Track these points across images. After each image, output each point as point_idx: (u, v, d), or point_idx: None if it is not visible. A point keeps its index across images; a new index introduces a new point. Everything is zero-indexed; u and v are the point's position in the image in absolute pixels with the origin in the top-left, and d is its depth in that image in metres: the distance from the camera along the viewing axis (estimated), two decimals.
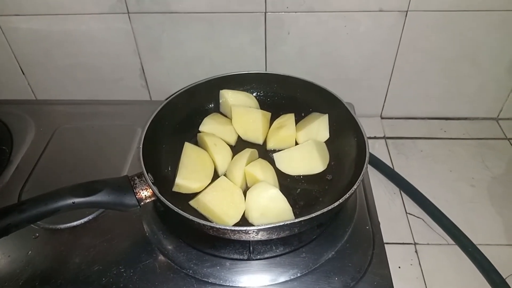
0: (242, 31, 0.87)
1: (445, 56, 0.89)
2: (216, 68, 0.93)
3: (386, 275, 0.61)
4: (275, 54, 0.91)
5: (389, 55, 0.90)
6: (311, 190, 0.72)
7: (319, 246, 0.65)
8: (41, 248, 0.66)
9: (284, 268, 0.62)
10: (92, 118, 0.92)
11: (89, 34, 0.89)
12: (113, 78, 0.97)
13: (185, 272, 0.62)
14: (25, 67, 0.96)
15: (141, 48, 0.91)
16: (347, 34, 0.86)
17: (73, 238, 0.67)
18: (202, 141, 0.76)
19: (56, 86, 0.99)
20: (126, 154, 0.82)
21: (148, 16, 0.86)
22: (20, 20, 0.87)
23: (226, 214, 0.63)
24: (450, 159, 0.90)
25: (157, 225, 0.69)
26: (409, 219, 0.78)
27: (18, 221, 0.55)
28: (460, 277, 0.69)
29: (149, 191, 0.61)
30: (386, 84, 0.95)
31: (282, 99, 0.85)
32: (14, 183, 0.77)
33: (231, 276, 0.62)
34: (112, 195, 0.59)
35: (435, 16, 0.83)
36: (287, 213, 0.63)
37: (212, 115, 0.81)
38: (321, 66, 0.92)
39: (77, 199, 0.57)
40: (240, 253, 0.64)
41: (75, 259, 0.64)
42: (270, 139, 0.79)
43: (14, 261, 0.64)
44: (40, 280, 0.62)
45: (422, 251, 0.73)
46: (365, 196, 0.73)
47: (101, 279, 0.62)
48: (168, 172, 0.73)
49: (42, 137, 0.86)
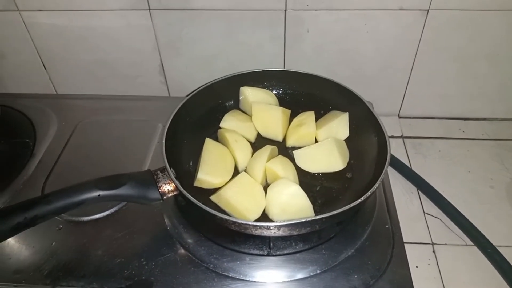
0: (262, 29, 0.87)
1: (465, 56, 0.88)
2: (234, 65, 0.93)
3: (406, 274, 0.61)
4: (294, 52, 0.91)
5: (408, 53, 0.89)
6: (331, 187, 0.72)
7: (339, 243, 0.65)
8: (64, 240, 0.67)
9: (303, 265, 0.63)
10: (113, 113, 0.93)
11: (110, 30, 0.90)
12: (132, 74, 0.98)
13: (206, 266, 0.63)
14: (47, 61, 0.97)
15: (161, 44, 0.92)
16: (366, 32, 0.86)
17: (95, 231, 0.69)
18: (223, 137, 0.76)
19: (76, 81, 1.00)
20: (146, 148, 0.83)
21: (169, 12, 0.86)
22: (42, 15, 0.89)
23: (247, 210, 0.64)
24: (469, 159, 0.89)
25: (178, 219, 0.70)
26: (427, 219, 0.78)
27: (45, 212, 0.56)
28: (478, 278, 0.69)
29: (171, 185, 0.62)
30: (404, 83, 0.95)
31: (301, 96, 0.85)
32: (37, 176, 0.78)
33: (251, 271, 0.62)
34: (136, 188, 0.60)
35: (456, 15, 0.82)
36: (307, 210, 0.64)
37: (232, 112, 0.82)
38: (340, 64, 0.92)
39: (102, 192, 0.58)
40: (260, 249, 0.65)
41: (98, 251, 0.66)
42: (290, 136, 0.79)
43: (38, 252, 0.66)
44: (64, 271, 0.63)
45: (440, 251, 0.73)
46: (385, 194, 0.73)
47: (123, 271, 0.63)
48: (189, 167, 0.74)
49: (64, 130, 0.88)
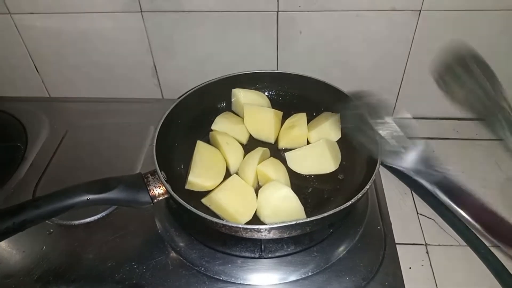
0: (254, 30, 0.87)
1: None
2: (227, 67, 0.93)
3: (398, 275, 0.61)
4: (286, 54, 0.91)
5: (401, 54, 0.89)
6: (323, 189, 0.72)
7: (330, 245, 0.65)
8: (55, 244, 0.67)
9: (295, 267, 0.63)
10: (105, 116, 0.93)
11: (102, 33, 0.90)
12: (125, 76, 0.98)
13: (197, 269, 0.63)
14: (39, 64, 0.97)
15: (154, 46, 0.91)
16: (359, 33, 0.86)
17: (86, 234, 0.68)
18: (214, 140, 0.76)
19: (69, 84, 1.00)
20: (139, 151, 0.82)
21: (161, 14, 0.86)
22: (34, 18, 0.88)
23: (238, 212, 0.63)
24: (462, 159, 0.89)
25: (170, 223, 0.69)
26: (420, 220, 0.78)
27: (33, 217, 0.55)
28: (472, 279, 0.68)
29: (162, 188, 0.62)
30: (398, 83, 0.94)
31: (293, 98, 0.85)
32: (28, 180, 0.78)
33: (243, 274, 0.62)
34: (126, 192, 0.60)
35: (448, 15, 0.82)
36: (299, 212, 0.63)
37: (224, 114, 0.82)
38: (333, 65, 0.92)
39: (91, 195, 0.58)
40: (251, 251, 0.65)
41: (89, 255, 0.65)
42: (282, 138, 0.79)
43: (28, 256, 0.65)
44: (54, 275, 0.63)
45: (433, 252, 0.73)
46: (377, 196, 0.73)
47: (114, 275, 0.62)
48: (180, 170, 0.74)
49: (56, 134, 0.88)
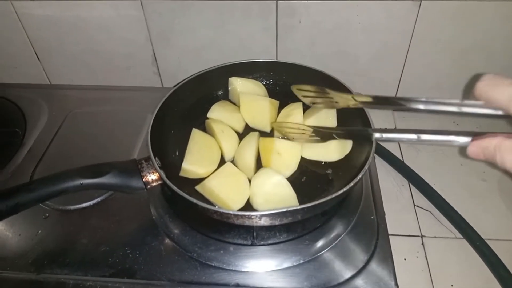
0: (253, 19, 0.87)
1: (458, 47, 0.87)
2: (227, 55, 0.93)
3: (389, 265, 0.61)
4: (286, 43, 0.91)
5: (401, 45, 0.88)
6: (318, 178, 0.72)
7: (323, 234, 0.65)
8: (50, 228, 0.68)
9: (287, 255, 0.63)
10: (104, 104, 0.93)
11: (102, 21, 0.90)
12: (125, 64, 0.98)
13: (189, 255, 0.63)
14: (40, 52, 0.98)
15: (153, 35, 0.92)
16: (359, 23, 0.85)
17: (82, 219, 0.69)
18: (210, 128, 0.76)
19: (69, 71, 1.01)
20: (136, 139, 0.83)
21: (160, 3, 0.86)
22: (34, 5, 0.89)
23: (231, 199, 0.63)
24: (462, 152, 0.88)
25: (164, 209, 0.70)
26: (417, 212, 0.78)
27: (27, 200, 0.56)
28: (467, 271, 0.68)
29: (155, 174, 0.62)
30: (398, 75, 0.94)
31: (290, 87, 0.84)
32: (26, 165, 0.79)
33: (234, 260, 0.62)
34: (119, 177, 0.60)
35: (449, 6, 0.81)
36: (292, 199, 0.63)
37: (220, 102, 0.82)
38: (332, 55, 0.91)
39: (84, 180, 0.58)
40: (244, 238, 0.65)
41: (83, 239, 0.66)
42: None
43: (24, 239, 0.66)
44: (49, 259, 0.64)
45: (429, 244, 0.72)
46: (372, 186, 0.73)
47: (107, 260, 0.63)
48: (175, 157, 0.74)
49: (55, 120, 0.88)
